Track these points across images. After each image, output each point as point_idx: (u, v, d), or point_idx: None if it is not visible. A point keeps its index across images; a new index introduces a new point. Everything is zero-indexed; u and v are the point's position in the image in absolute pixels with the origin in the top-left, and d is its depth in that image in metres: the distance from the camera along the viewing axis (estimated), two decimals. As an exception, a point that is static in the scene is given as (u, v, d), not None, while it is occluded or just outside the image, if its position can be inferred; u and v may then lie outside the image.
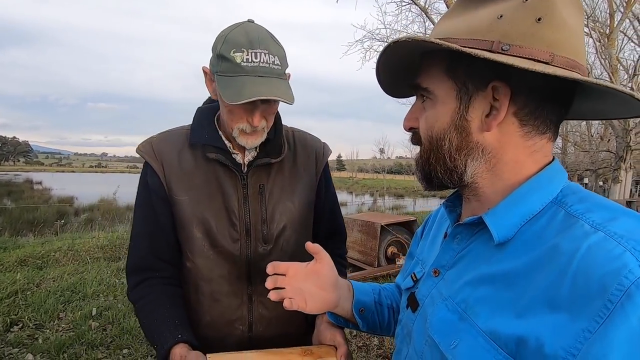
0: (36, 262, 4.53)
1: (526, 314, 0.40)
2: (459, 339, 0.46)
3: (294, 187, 0.96)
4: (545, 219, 0.45)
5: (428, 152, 0.52)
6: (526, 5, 0.44)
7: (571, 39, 0.45)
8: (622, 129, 8.20)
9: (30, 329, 2.95)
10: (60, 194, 19.11)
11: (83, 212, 12.24)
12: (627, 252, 0.36)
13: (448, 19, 0.50)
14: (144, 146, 0.92)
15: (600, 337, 0.34)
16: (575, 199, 0.45)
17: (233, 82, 0.77)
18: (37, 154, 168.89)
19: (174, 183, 0.89)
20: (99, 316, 3.22)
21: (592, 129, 16.04)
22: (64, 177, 54.23)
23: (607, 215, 0.41)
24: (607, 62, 8.18)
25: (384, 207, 13.83)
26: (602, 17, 9.05)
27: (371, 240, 4.62)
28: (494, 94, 0.46)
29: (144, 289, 0.90)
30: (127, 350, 2.72)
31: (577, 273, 0.37)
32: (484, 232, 0.49)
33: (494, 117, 0.46)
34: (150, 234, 0.91)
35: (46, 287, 3.74)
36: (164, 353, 0.79)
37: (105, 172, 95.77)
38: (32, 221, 8.75)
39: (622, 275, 0.35)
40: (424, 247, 0.68)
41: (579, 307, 0.36)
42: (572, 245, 0.39)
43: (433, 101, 0.51)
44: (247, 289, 0.92)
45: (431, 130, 0.51)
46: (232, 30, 0.80)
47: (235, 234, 0.90)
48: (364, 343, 2.93)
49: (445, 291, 0.53)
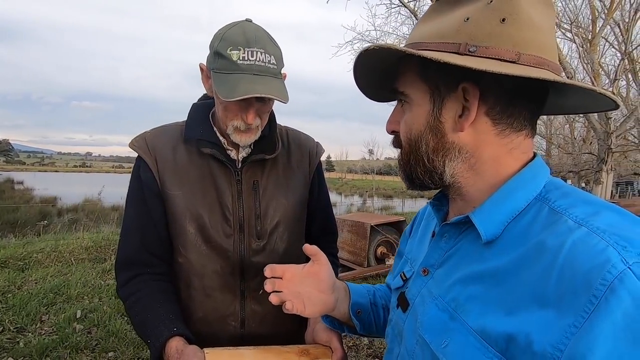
0: (17, 264, 4.39)
1: (515, 312, 0.41)
2: (450, 338, 0.47)
3: (287, 184, 0.97)
4: (530, 216, 0.46)
5: (408, 154, 0.53)
6: (491, 7, 0.45)
7: (538, 36, 0.45)
8: (604, 132, 8.43)
9: (11, 332, 2.86)
10: (43, 194, 18.61)
11: (67, 212, 11.94)
12: (609, 246, 0.37)
13: (422, 24, 0.52)
14: (138, 141, 0.92)
15: (585, 331, 0.35)
16: (559, 194, 0.46)
17: (228, 79, 0.78)
18: (18, 153, 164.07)
19: (167, 178, 0.89)
20: (84, 319, 3.15)
21: (575, 131, 16.45)
22: (47, 176, 52.83)
23: (590, 210, 0.42)
24: (589, 67, 8.41)
25: (373, 207, 13.91)
26: (584, 22, 9.31)
27: (361, 240, 4.64)
28: (465, 95, 0.47)
29: (135, 285, 0.88)
30: (112, 354, 2.67)
31: (563, 269, 0.38)
32: (472, 230, 0.50)
33: (466, 118, 0.47)
34: (142, 229, 0.90)
35: (28, 289, 3.63)
36: (159, 346, 0.78)
37: (90, 171, 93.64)
38: (13, 222, 8.49)
39: (605, 270, 0.35)
40: (412, 246, 0.69)
41: (566, 303, 0.37)
42: (557, 242, 0.40)
43: (410, 104, 0.52)
44: (239, 285, 0.92)
45: (409, 133, 0.52)
46: (229, 29, 0.81)
47: (229, 229, 0.90)
48: (354, 343, 2.93)
49: (435, 290, 0.53)
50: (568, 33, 8.76)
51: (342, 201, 21.81)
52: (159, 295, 0.87)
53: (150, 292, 0.87)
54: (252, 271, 0.92)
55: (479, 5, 0.46)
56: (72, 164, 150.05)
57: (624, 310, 0.34)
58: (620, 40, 8.90)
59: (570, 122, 15.21)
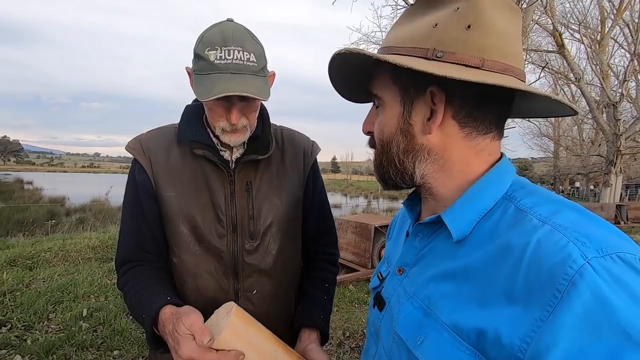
0: (26, 263, 4.46)
1: (486, 307, 0.42)
2: (424, 334, 0.48)
3: (281, 184, 0.97)
4: (497, 214, 0.48)
5: (380, 155, 0.55)
6: (457, 13, 0.47)
7: (502, 42, 0.47)
8: (613, 133, 8.32)
9: (18, 329, 2.90)
10: (52, 194, 18.85)
11: (75, 212, 12.09)
12: (570, 242, 0.39)
13: (397, 27, 0.54)
14: (133, 143, 0.93)
15: (550, 325, 0.36)
16: (524, 193, 0.48)
17: (206, 80, 0.79)
18: (27, 153, 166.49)
19: (161, 179, 0.90)
20: (90, 317, 3.18)
21: (583, 133, 16.26)
22: (56, 177, 53.55)
23: (552, 209, 0.44)
24: (598, 68, 8.31)
25: (378, 209, 13.87)
26: (593, 23, 9.21)
27: (365, 241, 4.63)
28: (433, 99, 0.49)
29: (132, 274, 0.90)
30: (117, 352, 2.69)
31: (529, 266, 0.40)
32: (443, 229, 0.52)
33: (433, 121, 0.49)
34: (138, 230, 0.92)
35: (36, 287, 3.68)
36: (152, 314, 0.76)
37: (98, 172, 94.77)
38: (22, 221, 8.62)
39: (567, 265, 0.37)
40: (389, 246, 0.71)
41: (533, 298, 0.39)
42: (523, 239, 0.42)
43: (383, 107, 0.54)
44: (233, 285, 0.92)
45: (382, 135, 0.54)
46: (208, 30, 0.82)
47: (222, 230, 0.91)
48: (357, 344, 2.93)
49: (410, 288, 0.54)
50: (576, 34, 8.68)
51: (347, 202, 21.78)
52: (154, 279, 0.88)
53: (146, 277, 0.88)
54: (245, 272, 0.92)
55: (447, 11, 0.48)
56: (81, 165, 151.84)
57: (583, 303, 0.36)
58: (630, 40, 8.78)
59: (578, 124, 15.05)
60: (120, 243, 0.94)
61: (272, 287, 0.95)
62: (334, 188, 41.73)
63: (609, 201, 9.84)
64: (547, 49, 8.49)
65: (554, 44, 7.45)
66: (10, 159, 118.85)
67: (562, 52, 7.07)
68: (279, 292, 0.96)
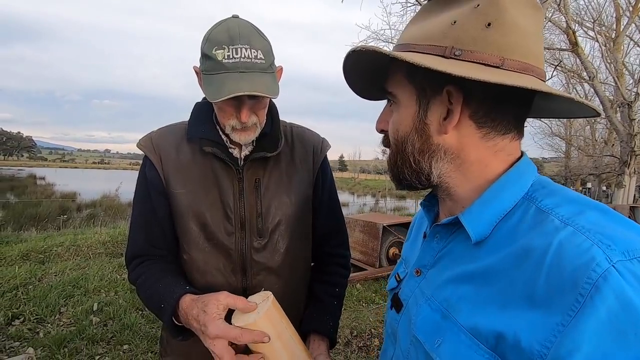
0: (38, 257, 4.55)
1: (505, 310, 0.41)
2: (443, 337, 0.47)
3: (290, 182, 0.96)
4: (518, 215, 0.46)
5: (395, 155, 0.54)
6: (477, 11, 0.45)
7: (523, 42, 0.45)
8: (627, 133, 8.15)
9: (31, 322, 2.96)
10: (63, 189, 19.19)
11: (85, 207, 12.29)
12: (594, 245, 0.38)
13: (412, 24, 0.53)
14: (144, 140, 0.94)
15: (572, 329, 0.35)
16: (545, 193, 0.47)
17: (215, 80, 0.79)
18: (40, 149, 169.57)
19: (171, 176, 0.90)
20: (100, 311, 3.23)
21: (596, 133, 15.97)
22: (67, 172, 54.46)
23: (575, 209, 0.43)
24: (612, 67, 8.15)
25: (386, 208, 13.81)
26: (608, 21, 9.01)
27: (373, 240, 4.61)
28: (449, 98, 0.48)
29: (144, 267, 0.91)
30: (127, 346, 2.73)
31: (550, 269, 0.39)
32: (462, 231, 0.51)
33: (449, 121, 0.48)
34: (147, 226, 0.92)
35: (48, 281, 3.75)
36: (173, 303, 0.78)
37: (108, 168, 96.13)
38: (35, 216, 8.78)
39: (590, 269, 0.36)
40: (407, 247, 0.70)
41: (555, 302, 0.37)
42: (545, 241, 0.41)
43: (397, 105, 0.53)
44: (241, 282, 0.93)
45: (396, 134, 0.53)
46: (214, 29, 0.82)
47: (230, 227, 0.91)
48: (365, 344, 2.92)
49: (428, 290, 0.54)
50: (590, 32, 8.50)
51: (355, 201, 21.74)
52: (167, 272, 0.89)
53: (158, 269, 0.89)
54: (253, 269, 0.92)
55: (466, 8, 0.46)
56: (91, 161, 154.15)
57: (607, 308, 0.34)
58: (646, 38, 8.58)
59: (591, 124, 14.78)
60: (130, 238, 0.95)
61: (281, 285, 0.95)
62: (341, 187, 41.70)
63: (622, 203, 9.66)
64: (560, 47, 8.34)
65: (567, 42, 7.31)
66: (24, 154, 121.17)
67: (576, 50, 6.94)
68: (287, 290, 0.96)
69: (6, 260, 4.36)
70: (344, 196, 27.00)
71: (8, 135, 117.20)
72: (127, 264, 0.96)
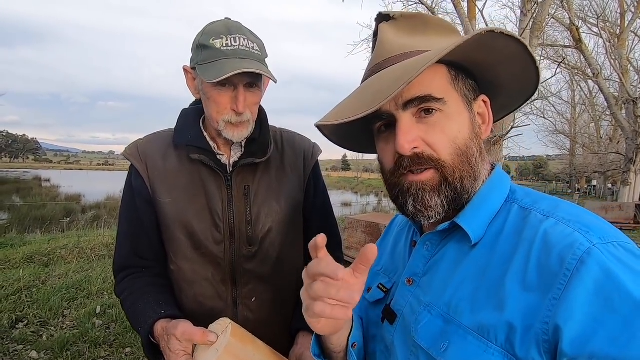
0: (42, 259, 4.57)
1: (507, 301, 0.43)
2: (448, 341, 0.47)
3: (280, 188, 0.95)
4: (503, 215, 0.50)
5: (457, 168, 0.49)
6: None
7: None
8: (632, 130, 8.07)
9: (35, 325, 2.97)
10: (68, 191, 19.32)
11: (90, 209, 12.35)
12: (575, 232, 0.43)
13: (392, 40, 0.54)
14: (130, 148, 0.93)
15: (563, 300, 0.39)
16: (522, 194, 0.52)
17: (214, 66, 0.78)
18: (46, 151, 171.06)
19: (157, 185, 0.89)
20: (103, 314, 3.23)
21: (601, 130, 15.84)
22: (72, 174, 54.86)
23: (552, 204, 0.48)
24: (617, 63, 8.06)
25: (389, 207, 13.77)
26: (612, 17, 8.93)
27: (375, 241, 4.59)
28: (485, 103, 0.54)
29: (129, 282, 0.90)
30: (129, 349, 2.73)
31: (540, 254, 0.43)
32: (453, 235, 0.52)
33: (488, 124, 0.53)
34: (133, 236, 0.91)
35: (51, 284, 3.77)
36: (147, 328, 0.77)
37: (113, 170, 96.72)
38: (40, 218, 8.85)
39: (575, 247, 0.41)
40: (384, 257, 0.68)
41: (546, 283, 0.41)
42: (531, 233, 0.45)
43: (445, 113, 0.49)
44: (231, 292, 0.91)
45: (455, 142, 0.49)
46: (210, 25, 0.83)
47: (219, 236, 0.89)
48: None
49: (424, 298, 0.53)
50: (594, 28, 8.42)
51: (358, 201, 21.71)
52: (150, 287, 0.87)
53: (142, 285, 0.88)
54: (244, 278, 0.90)
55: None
56: (96, 162, 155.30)
57: (593, 277, 0.39)
58: (651, 34, 8.50)
59: (596, 120, 14.66)
60: (117, 248, 0.93)
61: (272, 294, 0.93)
62: (344, 186, 41.68)
63: (628, 200, 9.56)
64: (564, 44, 8.27)
65: (570, 39, 7.25)
66: (29, 157, 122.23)
67: (580, 47, 6.88)
68: (279, 299, 0.94)
69: (10, 263, 4.39)
70: (347, 196, 26.97)
71: (13, 138, 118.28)
72: (114, 275, 0.94)
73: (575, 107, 17.24)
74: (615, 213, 9.02)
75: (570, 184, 31.92)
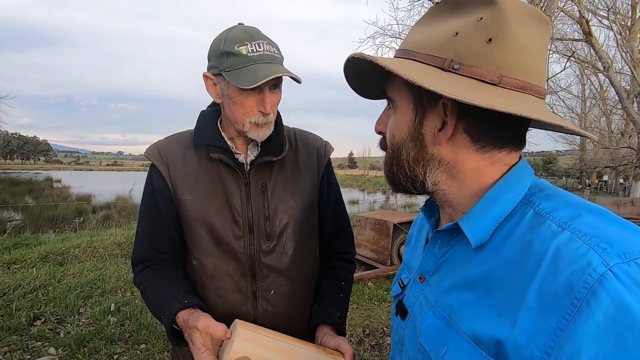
0: (57, 259, 4.67)
1: (504, 316, 0.41)
2: (447, 345, 0.47)
3: (295, 185, 0.98)
4: (516, 219, 0.46)
5: (391, 160, 0.54)
6: (479, 25, 0.45)
7: (523, 59, 0.45)
8: (645, 124, 7.91)
9: (52, 323, 3.05)
10: (79, 191, 19.59)
11: (100, 209, 12.53)
12: (591, 250, 0.38)
13: (417, 28, 0.52)
14: (151, 149, 0.97)
15: (570, 333, 0.36)
16: (542, 196, 0.47)
17: (244, 72, 0.82)
18: (56, 153, 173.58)
19: (179, 184, 0.93)
20: (117, 311, 3.30)
21: (612, 124, 15.55)
22: (82, 175, 55.63)
23: (572, 213, 0.43)
24: (628, 56, 7.91)
25: (397, 205, 13.72)
26: (623, 9, 8.76)
27: (384, 238, 4.60)
28: (445, 110, 0.47)
29: (149, 272, 0.94)
30: (144, 346, 2.79)
31: (546, 274, 0.39)
32: (462, 236, 0.50)
33: (443, 133, 0.48)
34: (154, 233, 0.95)
35: (67, 282, 3.85)
36: (171, 316, 0.81)
37: (122, 170, 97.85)
38: (52, 218, 9.01)
39: (586, 274, 0.36)
40: (408, 252, 0.70)
41: (547, 306, 0.38)
42: (542, 247, 0.41)
43: (395, 110, 0.53)
44: (251, 286, 0.94)
45: (392, 139, 0.53)
46: (229, 31, 0.86)
47: (238, 231, 0.93)
48: (377, 342, 2.92)
49: (431, 297, 0.53)
50: (605, 20, 8.27)
51: (365, 198, 21.66)
52: (170, 277, 0.92)
53: (162, 275, 0.92)
54: (262, 272, 0.94)
55: (469, 20, 0.46)
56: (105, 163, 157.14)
57: (604, 311, 0.35)
58: (664, 26, 8.32)
59: (607, 115, 14.40)
60: (136, 243, 0.98)
61: (289, 287, 0.97)
62: (351, 184, 41.57)
63: (641, 195, 9.39)
64: (573, 38, 8.14)
65: (580, 32, 7.13)
66: (40, 158, 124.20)
67: (590, 40, 6.76)
68: (297, 291, 0.98)
69: (26, 262, 4.49)
70: (354, 193, 26.90)
71: (25, 140, 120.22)
72: (132, 266, 0.99)
73: (585, 101, 16.96)
74: (628, 208, 8.87)
75: (580, 180, 31.41)
